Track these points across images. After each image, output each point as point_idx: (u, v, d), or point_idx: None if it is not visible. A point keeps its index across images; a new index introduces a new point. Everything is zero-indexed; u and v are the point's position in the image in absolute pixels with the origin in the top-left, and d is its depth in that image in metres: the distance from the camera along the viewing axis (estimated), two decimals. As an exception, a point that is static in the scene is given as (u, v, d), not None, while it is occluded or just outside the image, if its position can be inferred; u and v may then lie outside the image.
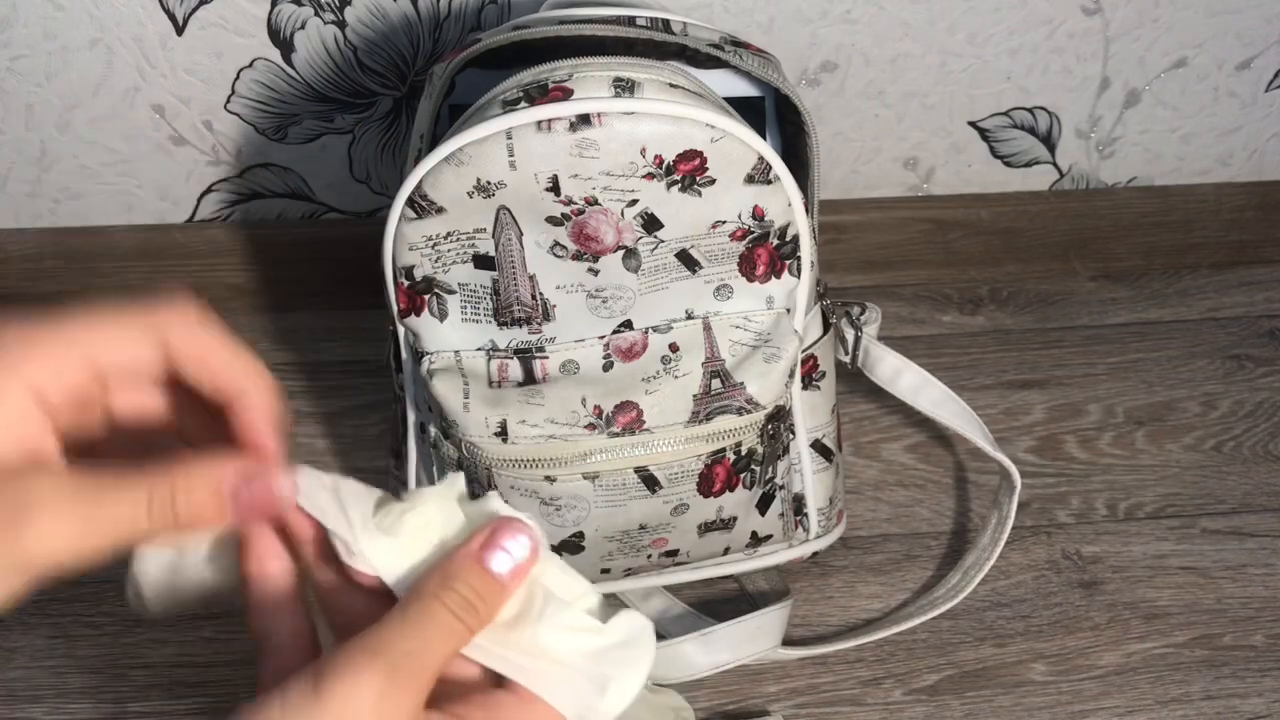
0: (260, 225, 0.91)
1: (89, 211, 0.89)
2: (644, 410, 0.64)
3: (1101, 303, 0.97)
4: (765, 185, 0.61)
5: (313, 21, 0.79)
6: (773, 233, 0.63)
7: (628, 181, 0.59)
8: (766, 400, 0.64)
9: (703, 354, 0.64)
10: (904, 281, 0.97)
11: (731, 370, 0.64)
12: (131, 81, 0.82)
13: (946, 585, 0.78)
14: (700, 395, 0.64)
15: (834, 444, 0.75)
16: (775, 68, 0.67)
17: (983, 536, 0.77)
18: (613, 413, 0.63)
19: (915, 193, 0.95)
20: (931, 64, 0.86)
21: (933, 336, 0.94)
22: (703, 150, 0.59)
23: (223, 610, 0.76)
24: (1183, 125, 0.93)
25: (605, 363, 0.64)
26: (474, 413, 0.63)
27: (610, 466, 0.64)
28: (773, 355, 0.65)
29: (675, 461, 0.64)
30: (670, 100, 0.58)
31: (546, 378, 0.64)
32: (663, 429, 0.63)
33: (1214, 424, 0.89)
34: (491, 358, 0.64)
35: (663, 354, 0.64)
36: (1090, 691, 0.74)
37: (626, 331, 0.65)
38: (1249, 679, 0.75)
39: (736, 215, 0.62)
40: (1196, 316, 0.97)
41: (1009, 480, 0.76)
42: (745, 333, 0.65)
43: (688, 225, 0.62)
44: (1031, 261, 0.99)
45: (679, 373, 0.64)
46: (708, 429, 0.64)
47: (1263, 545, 0.82)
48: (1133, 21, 0.86)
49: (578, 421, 0.63)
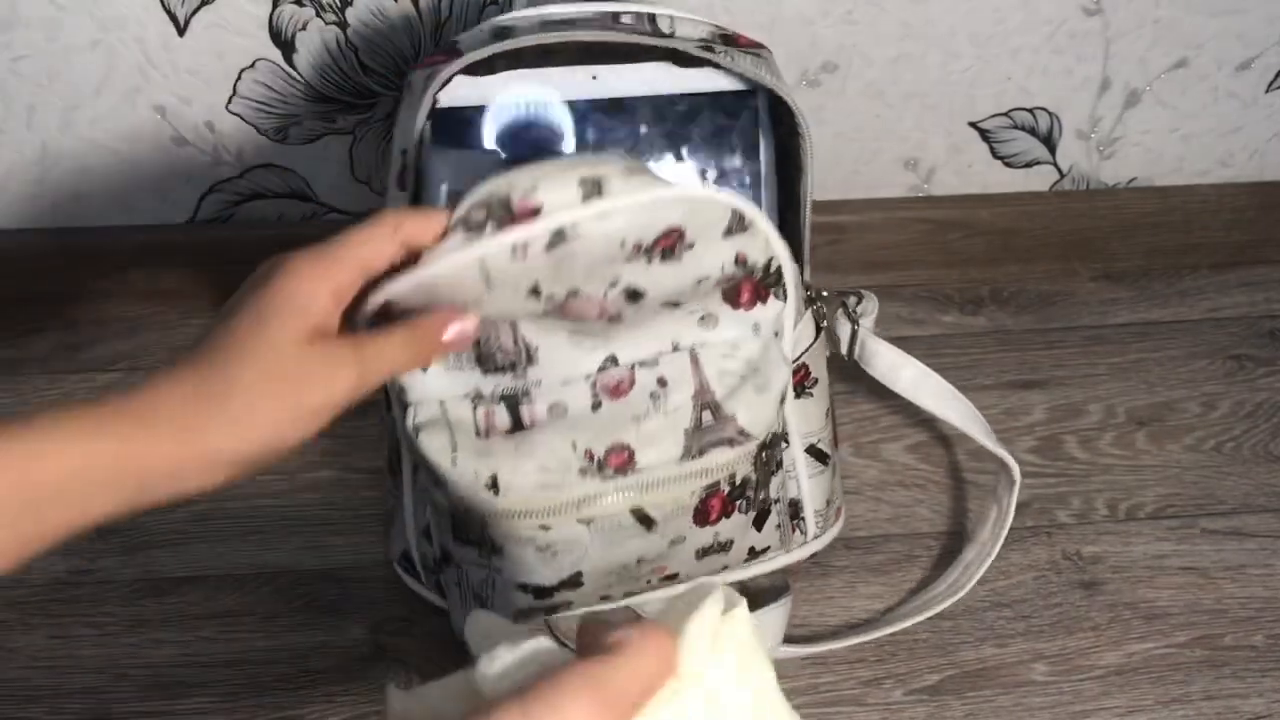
0: (261, 226, 0.91)
1: (89, 211, 0.89)
2: (635, 450, 0.62)
3: (1102, 303, 0.97)
4: (743, 234, 0.60)
5: (314, 22, 0.79)
6: (756, 269, 0.62)
7: (609, 269, 0.58)
8: (759, 430, 0.64)
9: (691, 387, 0.63)
10: (904, 282, 0.97)
11: (722, 402, 0.63)
12: (133, 82, 0.82)
13: (946, 581, 0.78)
14: (691, 430, 0.63)
15: (829, 447, 0.74)
16: (768, 65, 0.67)
17: (982, 531, 0.78)
18: (604, 456, 0.62)
19: (915, 193, 0.95)
20: (932, 64, 0.87)
21: (933, 337, 0.94)
22: (679, 224, 0.58)
23: (223, 610, 0.76)
24: (1183, 126, 0.93)
25: (594, 402, 0.63)
26: (462, 467, 0.61)
27: (605, 511, 0.62)
28: (763, 385, 0.64)
29: (670, 499, 0.63)
30: (639, 187, 0.56)
31: (535, 423, 0.63)
32: (655, 467, 0.62)
33: (1214, 424, 0.89)
34: (477, 405, 0.63)
35: (651, 390, 0.63)
36: (1090, 691, 0.74)
37: (613, 368, 0.63)
38: (1249, 679, 0.75)
39: (719, 268, 0.61)
40: (1197, 317, 0.97)
41: (1008, 474, 0.76)
42: (733, 361, 0.64)
43: (670, 289, 0.60)
44: (1032, 262, 0.99)
45: (669, 408, 0.63)
46: (701, 464, 0.63)
47: (1263, 545, 0.82)
48: (1133, 22, 0.86)
49: (569, 468, 0.62)
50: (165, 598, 0.77)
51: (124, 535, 0.80)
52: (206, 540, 0.80)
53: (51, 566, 0.78)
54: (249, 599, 0.77)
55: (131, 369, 0.88)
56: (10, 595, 0.76)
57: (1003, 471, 0.76)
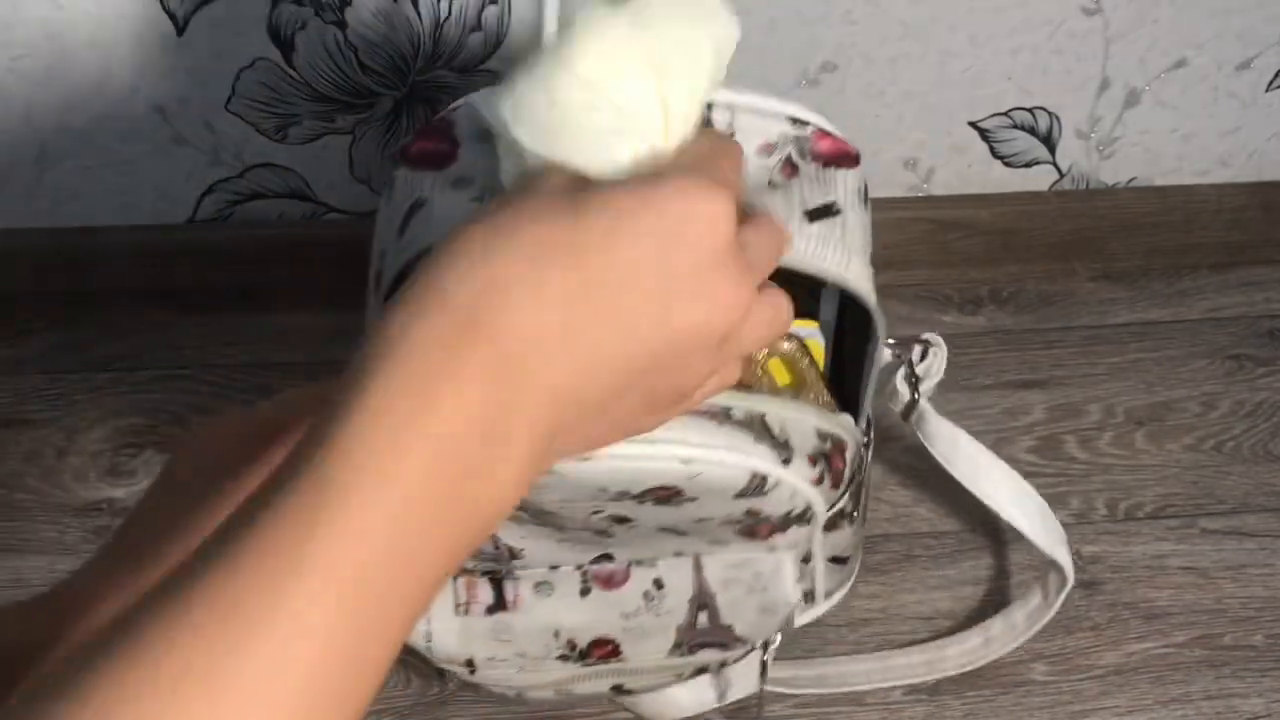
0: (260, 225, 0.91)
1: (89, 211, 0.89)
2: (621, 644, 0.58)
3: (1101, 303, 0.97)
4: (760, 496, 0.52)
5: (313, 22, 0.79)
6: (773, 519, 0.54)
7: (588, 503, 0.51)
8: (757, 639, 0.59)
9: (690, 591, 0.58)
10: (904, 281, 0.97)
11: (722, 609, 0.58)
12: (132, 81, 0.82)
13: (964, 644, 0.74)
14: (685, 628, 0.58)
15: (853, 550, 0.69)
16: (851, 198, 0.54)
17: (1016, 613, 0.73)
18: (587, 647, 0.58)
19: (915, 193, 0.95)
20: (931, 64, 0.86)
21: (933, 336, 0.94)
22: (678, 485, 0.49)
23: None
24: (1183, 125, 0.93)
25: (584, 588, 0.58)
26: (438, 643, 0.58)
27: (584, 689, 0.60)
28: (768, 609, 0.58)
29: (654, 681, 0.60)
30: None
31: (519, 602, 0.58)
32: (641, 656, 0.59)
33: (1214, 424, 0.89)
34: (459, 574, 0.58)
35: (645, 589, 0.58)
36: (1090, 691, 0.74)
37: (608, 563, 0.58)
38: (1249, 679, 0.75)
39: (725, 515, 0.53)
40: (1196, 316, 0.97)
41: (1062, 576, 0.70)
42: (742, 572, 0.58)
43: (667, 520, 0.53)
44: (1031, 261, 0.99)
45: (661, 610, 0.58)
46: (690, 660, 0.59)
47: (1263, 545, 0.82)
48: (1133, 21, 0.86)
49: (549, 654, 0.58)
50: (165, 598, 0.77)
51: (123, 535, 0.80)
52: (206, 540, 0.79)
53: (51, 566, 0.78)
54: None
55: (132, 369, 0.88)
56: (10, 595, 0.76)
57: (1054, 572, 0.71)
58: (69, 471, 0.83)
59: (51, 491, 0.82)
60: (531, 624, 0.58)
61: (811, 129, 0.56)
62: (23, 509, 0.81)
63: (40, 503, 0.81)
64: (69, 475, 0.83)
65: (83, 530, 0.80)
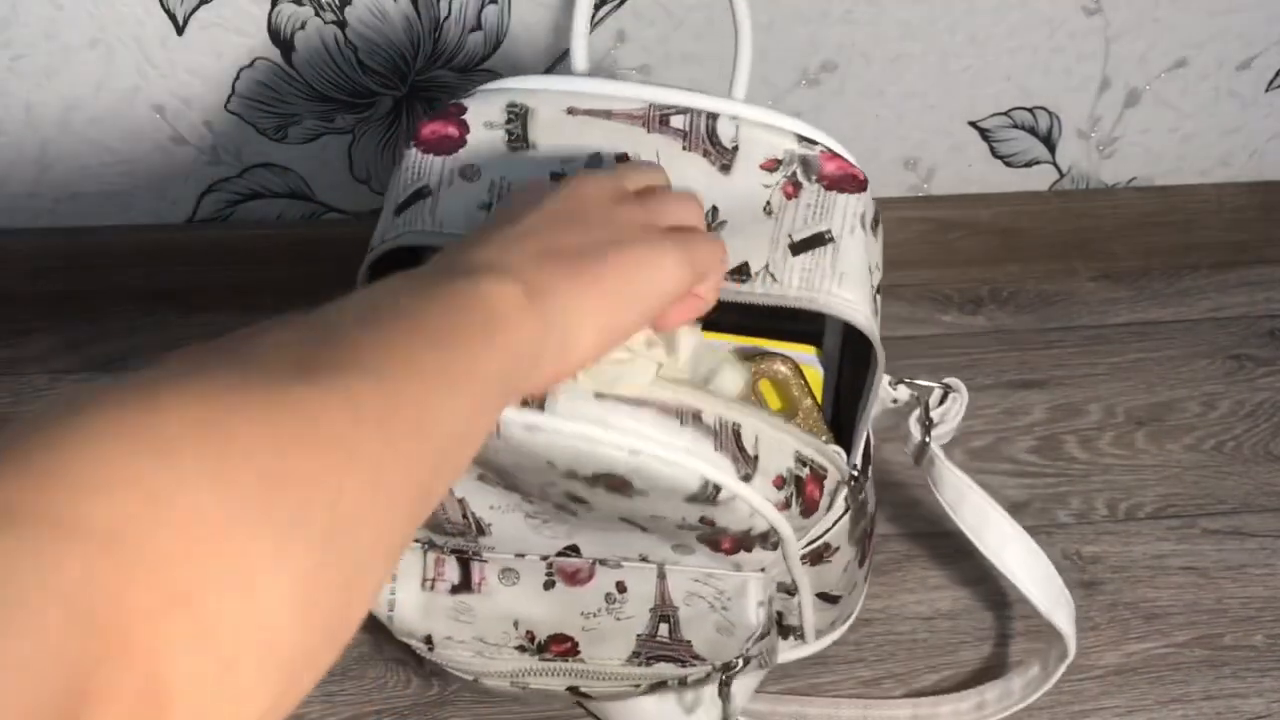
0: (260, 225, 0.91)
1: (89, 211, 0.89)
2: (580, 643, 0.58)
3: (1102, 303, 0.97)
4: (713, 505, 0.50)
5: (313, 21, 0.79)
6: (732, 532, 0.53)
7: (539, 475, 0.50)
8: (715, 660, 0.58)
9: (652, 601, 0.58)
10: (904, 281, 0.97)
11: (683, 622, 0.58)
12: (131, 81, 0.82)
13: (958, 704, 0.72)
14: (645, 637, 0.58)
15: (844, 589, 0.67)
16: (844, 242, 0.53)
17: (1014, 681, 0.72)
18: (545, 641, 0.59)
19: (915, 193, 0.95)
20: (931, 64, 0.86)
21: (933, 336, 0.94)
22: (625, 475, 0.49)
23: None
24: (1183, 125, 0.93)
25: (547, 580, 0.58)
26: (400, 614, 0.58)
27: (540, 684, 0.59)
28: (726, 628, 0.58)
29: (611, 689, 0.60)
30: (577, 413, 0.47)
31: (483, 585, 0.58)
32: (598, 660, 0.59)
33: (1214, 424, 0.89)
34: (429, 550, 0.58)
35: (607, 591, 0.58)
36: (1090, 691, 0.74)
37: (574, 557, 0.58)
38: (1249, 679, 0.75)
39: (680, 518, 0.52)
40: (1197, 316, 0.97)
41: (1064, 649, 0.68)
42: (705, 587, 0.58)
43: (623, 510, 0.52)
44: (1032, 261, 0.99)
45: (622, 615, 0.58)
46: (648, 671, 0.59)
47: (1263, 545, 0.82)
48: (1133, 21, 0.86)
49: (507, 643, 0.59)
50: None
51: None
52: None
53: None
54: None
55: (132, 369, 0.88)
56: (9, 595, 0.76)
57: (1057, 643, 0.68)
58: (69, 471, 0.83)
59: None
60: (493, 610, 0.58)
61: (820, 149, 0.55)
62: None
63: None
64: (69, 475, 0.83)
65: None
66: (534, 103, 0.55)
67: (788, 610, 0.66)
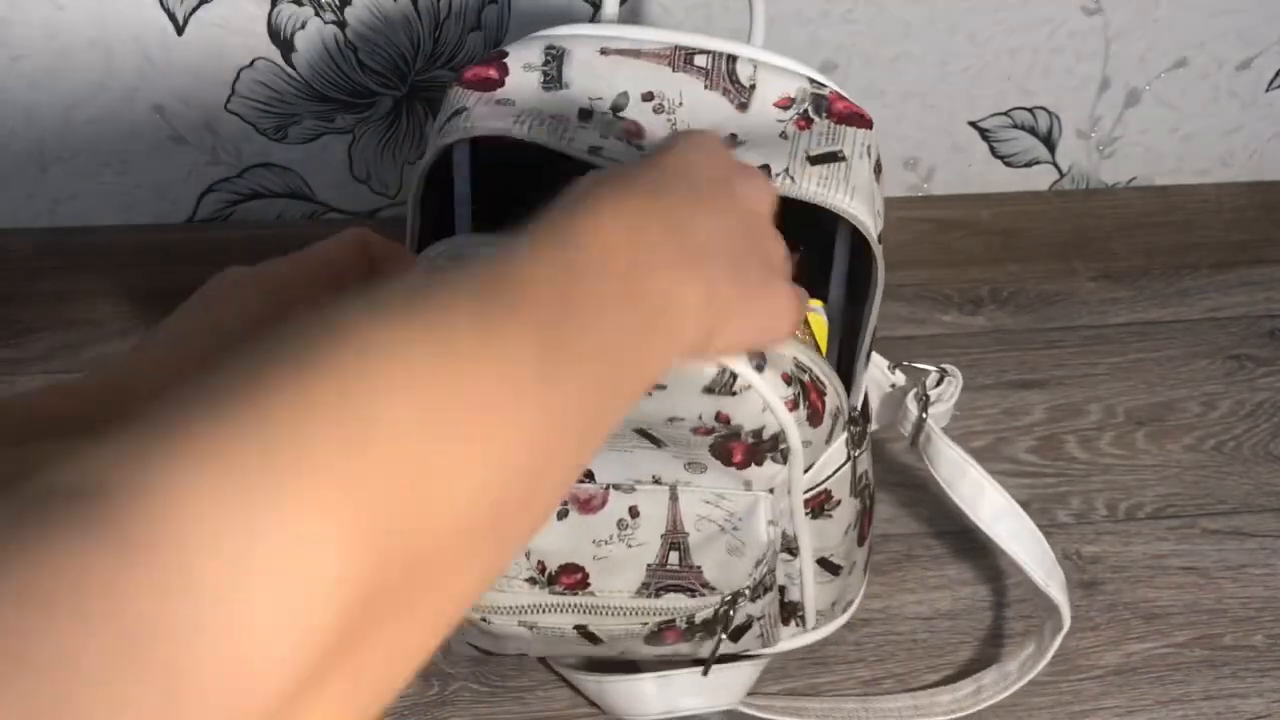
0: (260, 225, 0.91)
1: (89, 211, 0.89)
2: (590, 574, 0.59)
3: (1102, 303, 0.97)
4: (728, 396, 0.53)
5: (313, 21, 0.79)
6: (744, 434, 0.55)
7: None
8: (725, 588, 0.59)
9: (664, 526, 0.59)
10: (904, 281, 0.97)
11: (693, 548, 0.59)
12: (131, 81, 0.82)
13: (956, 693, 0.72)
14: (655, 566, 0.59)
15: (844, 559, 0.68)
16: (861, 150, 0.58)
17: (1010, 662, 0.72)
18: (556, 572, 0.59)
19: (915, 193, 0.95)
20: (931, 64, 0.86)
21: (933, 336, 0.94)
22: None
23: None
24: (1183, 125, 0.93)
25: (560, 510, 0.59)
26: None
27: (549, 622, 0.60)
28: (736, 548, 0.59)
29: (620, 626, 0.60)
30: None
31: None
32: (609, 593, 0.59)
33: (1214, 424, 0.89)
34: None
35: (620, 517, 0.58)
36: (1090, 691, 0.74)
37: (587, 482, 0.59)
38: (1249, 679, 0.75)
39: (697, 416, 0.54)
40: (1197, 316, 0.97)
41: (1057, 620, 0.68)
42: (716, 510, 0.59)
43: (643, 412, 0.54)
44: (1031, 261, 0.99)
45: (634, 541, 0.59)
46: (657, 603, 0.59)
47: (1263, 545, 0.82)
48: (1133, 21, 0.86)
49: (518, 574, 0.59)
50: (164, 597, 0.77)
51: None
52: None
53: (50, 566, 0.78)
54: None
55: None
56: (9, 595, 0.76)
57: (1050, 617, 0.69)
58: (69, 471, 0.83)
59: (51, 491, 0.82)
60: None
61: (830, 90, 0.61)
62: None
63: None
64: (69, 475, 0.83)
65: (82, 530, 0.80)
66: (571, 45, 0.60)
67: (790, 579, 0.66)
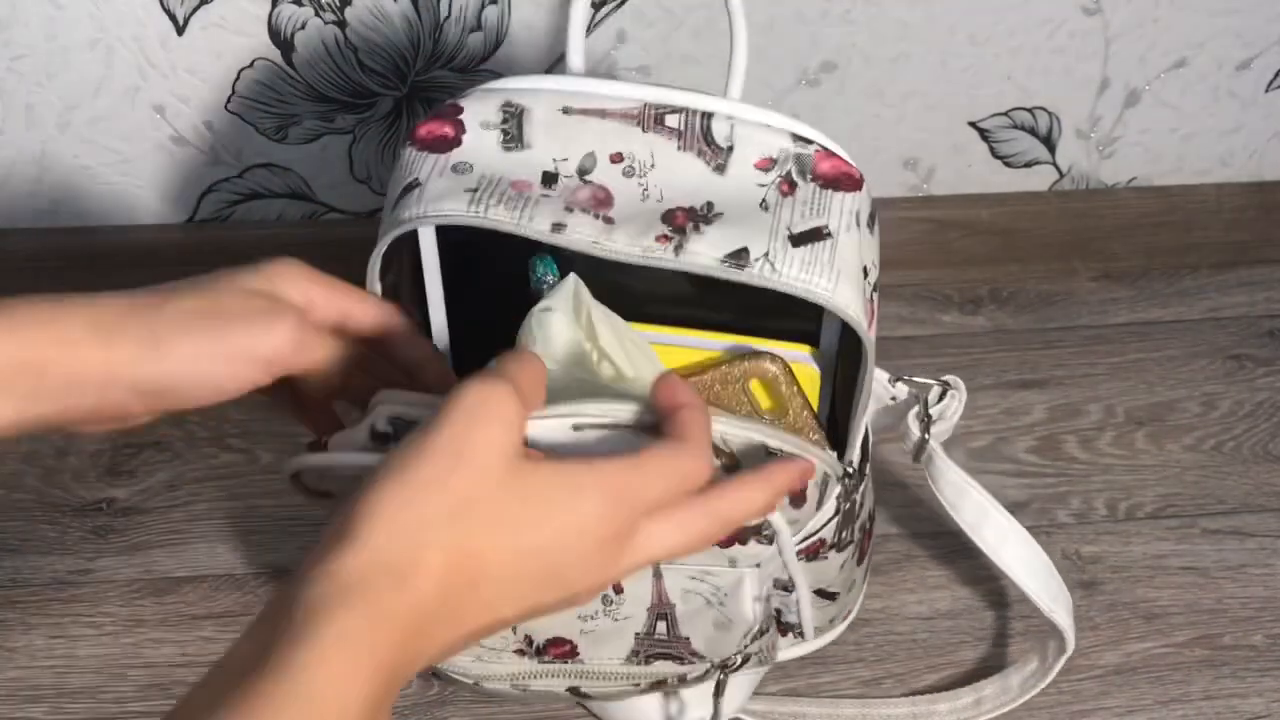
0: (260, 225, 0.91)
1: (89, 211, 0.89)
2: (579, 646, 0.58)
3: (1102, 303, 0.97)
4: None
5: (313, 22, 0.79)
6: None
7: None
8: (714, 657, 0.58)
9: (649, 600, 0.57)
10: (904, 281, 0.97)
11: (681, 619, 0.58)
12: (132, 81, 0.82)
13: (955, 702, 0.72)
14: (644, 635, 0.58)
15: (842, 586, 0.67)
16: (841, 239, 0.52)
17: (1012, 677, 0.71)
18: (544, 644, 0.58)
19: (915, 193, 0.95)
20: (931, 64, 0.86)
21: (933, 336, 0.94)
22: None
23: (222, 610, 0.76)
24: (1183, 125, 0.93)
25: None
26: None
27: (541, 685, 0.59)
28: (724, 624, 0.58)
29: (612, 689, 0.59)
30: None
31: None
32: (598, 660, 0.58)
33: (1214, 424, 0.89)
34: None
35: (605, 593, 0.57)
36: (1090, 691, 0.74)
37: None
38: (1249, 679, 0.75)
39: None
40: (1197, 316, 0.97)
41: (1061, 643, 0.68)
42: (702, 584, 0.57)
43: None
44: (1031, 261, 0.99)
45: (620, 615, 0.58)
46: (647, 670, 0.58)
47: (1263, 545, 0.82)
48: (1133, 21, 0.86)
49: (506, 647, 0.58)
50: (164, 597, 0.77)
51: (123, 535, 0.80)
52: (206, 540, 0.80)
53: (51, 566, 0.78)
54: (248, 599, 0.77)
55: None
56: (10, 595, 0.76)
57: (1055, 638, 0.68)
58: (68, 471, 0.83)
59: (51, 491, 0.82)
60: None
61: (815, 148, 0.55)
62: (22, 509, 0.81)
63: (40, 502, 0.81)
64: (68, 475, 0.83)
65: (82, 530, 0.80)
66: (530, 102, 0.55)
67: (786, 607, 0.65)
